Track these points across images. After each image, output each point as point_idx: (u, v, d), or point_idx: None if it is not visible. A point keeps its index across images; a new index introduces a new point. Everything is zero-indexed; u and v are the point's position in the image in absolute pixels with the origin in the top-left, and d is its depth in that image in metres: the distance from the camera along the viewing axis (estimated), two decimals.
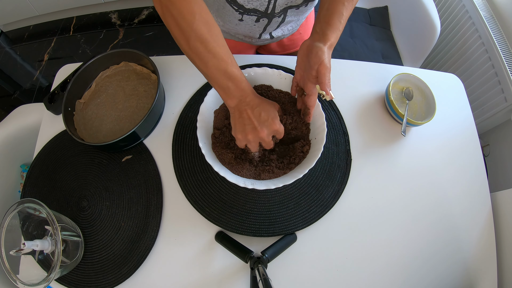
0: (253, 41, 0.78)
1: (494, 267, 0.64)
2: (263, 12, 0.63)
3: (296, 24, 0.77)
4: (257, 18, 0.65)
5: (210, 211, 0.63)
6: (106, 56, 0.72)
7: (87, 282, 0.59)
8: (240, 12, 0.63)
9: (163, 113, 0.72)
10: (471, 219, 0.67)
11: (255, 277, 0.52)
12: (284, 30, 0.76)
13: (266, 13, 0.63)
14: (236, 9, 0.62)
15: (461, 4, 1.22)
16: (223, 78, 0.51)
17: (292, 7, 0.64)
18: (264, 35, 0.74)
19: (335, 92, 0.76)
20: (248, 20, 0.66)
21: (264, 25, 0.68)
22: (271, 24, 0.68)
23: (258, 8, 0.62)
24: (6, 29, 1.96)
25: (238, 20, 0.66)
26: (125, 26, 1.95)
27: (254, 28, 0.70)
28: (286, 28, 0.76)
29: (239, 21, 0.67)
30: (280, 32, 0.76)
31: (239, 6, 0.61)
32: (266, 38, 0.76)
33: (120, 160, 0.68)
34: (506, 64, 1.06)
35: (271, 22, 0.67)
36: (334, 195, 0.66)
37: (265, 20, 0.66)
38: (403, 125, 0.70)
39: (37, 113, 0.86)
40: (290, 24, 0.75)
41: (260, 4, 0.61)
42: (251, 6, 0.61)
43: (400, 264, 0.63)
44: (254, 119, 0.52)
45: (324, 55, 0.52)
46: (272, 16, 0.65)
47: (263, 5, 0.61)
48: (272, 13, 0.63)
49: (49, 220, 0.51)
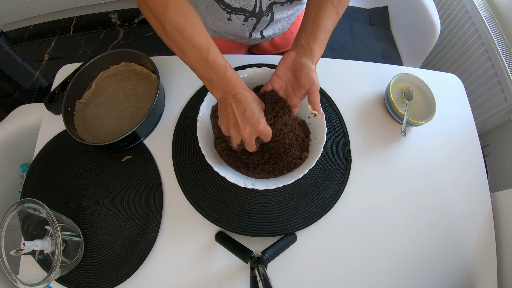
0: (243, 41, 0.77)
1: (494, 267, 0.64)
2: (250, 12, 0.63)
3: (286, 23, 0.77)
4: (245, 17, 0.64)
5: (210, 211, 0.63)
6: (106, 56, 0.72)
7: (87, 282, 0.59)
8: (228, 11, 0.63)
9: (163, 113, 0.72)
10: (471, 219, 0.67)
11: (255, 277, 0.52)
12: (275, 29, 0.75)
13: (254, 12, 0.63)
14: (224, 8, 0.62)
15: (461, 4, 1.22)
16: (204, 68, 0.49)
17: (276, 3, 0.63)
18: (255, 35, 0.74)
19: (336, 92, 0.76)
20: (237, 19, 0.66)
21: (253, 24, 0.67)
22: (260, 23, 0.68)
23: (246, 8, 0.61)
24: (6, 29, 1.96)
25: (227, 19, 0.66)
26: (125, 26, 1.95)
27: (243, 28, 0.69)
28: (276, 28, 0.75)
29: (227, 20, 0.66)
30: (271, 31, 0.75)
31: (226, 5, 0.61)
32: (256, 37, 0.75)
33: (120, 160, 0.68)
34: (506, 64, 1.06)
35: (260, 21, 0.67)
36: (334, 195, 0.66)
37: (254, 20, 0.66)
38: (403, 125, 0.70)
39: (37, 113, 0.86)
40: (280, 23, 0.75)
41: (247, 4, 0.60)
42: (238, 5, 0.61)
43: (400, 264, 0.63)
44: (237, 115, 0.49)
45: (314, 74, 0.51)
46: (260, 15, 0.64)
47: (250, 5, 0.60)
48: (260, 12, 0.63)
49: (49, 220, 0.51)
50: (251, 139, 0.51)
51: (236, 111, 0.49)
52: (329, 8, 0.53)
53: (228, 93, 0.49)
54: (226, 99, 0.50)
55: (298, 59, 0.52)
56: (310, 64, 0.51)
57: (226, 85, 0.49)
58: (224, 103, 0.50)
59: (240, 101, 0.49)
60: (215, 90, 0.51)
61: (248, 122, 0.49)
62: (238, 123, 0.49)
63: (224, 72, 0.49)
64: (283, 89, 0.56)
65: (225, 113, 0.50)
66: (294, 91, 0.54)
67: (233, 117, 0.49)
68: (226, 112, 0.50)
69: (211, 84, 0.50)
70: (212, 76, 0.49)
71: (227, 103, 0.50)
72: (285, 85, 0.55)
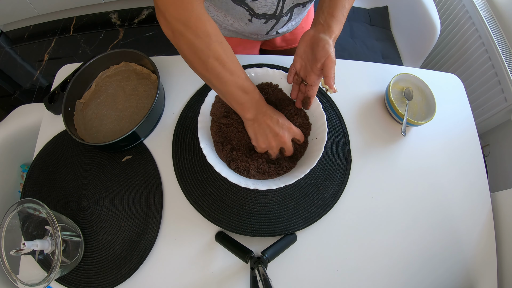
0: (259, 37, 0.78)
1: (494, 268, 0.64)
2: (271, 15, 0.64)
3: (299, 19, 0.78)
4: (266, 20, 0.66)
5: (210, 211, 0.63)
6: (106, 56, 0.72)
7: (87, 282, 0.59)
8: (251, 13, 0.64)
9: (163, 113, 0.72)
10: (471, 219, 0.67)
11: (255, 277, 0.52)
12: (288, 26, 0.76)
13: (274, 15, 0.64)
14: (247, 9, 0.63)
15: (461, 4, 1.22)
16: (240, 93, 0.53)
17: (299, 5, 0.64)
18: (271, 32, 0.75)
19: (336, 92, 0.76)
20: (257, 22, 0.67)
21: (272, 25, 0.69)
22: (279, 23, 0.69)
23: (268, 12, 0.62)
24: (6, 29, 1.96)
25: (248, 20, 0.67)
26: (125, 26, 1.95)
27: (262, 28, 0.70)
28: (290, 24, 0.76)
29: (248, 21, 0.67)
30: (285, 28, 0.76)
31: (249, 8, 0.62)
32: (272, 34, 0.77)
33: (120, 160, 0.68)
34: (506, 64, 1.06)
35: (279, 22, 0.68)
36: (334, 195, 0.66)
37: (273, 21, 0.67)
38: (403, 125, 0.70)
39: (37, 113, 0.86)
40: (294, 20, 0.76)
41: (269, 9, 0.61)
42: (261, 12, 0.62)
43: (400, 264, 0.63)
44: (274, 126, 0.56)
45: (330, 48, 0.52)
46: (280, 17, 0.65)
47: (272, 9, 0.62)
48: (280, 14, 0.64)
49: (49, 220, 0.51)
50: (290, 143, 0.58)
51: (271, 124, 0.56)
52: None
53: (259, 112, 0.56)
54: (259, 118, 0.56)
55: (316, 35, 0.54)
56: (328, 38, 0.53)
57: (257, 106, 0.55)
58: (258, 122, 0.56)
59: (271, 116, 0.56)
60: (247, 111, 0.55)
61: (284, 129, 0.57)
62: (278, 132, 0.56)
63: (254, 93, 0.55)
64: (303, 68, 0.58)
65: (260, 130, 0.57)
66: (312, 66, 0.56)
67: (270, 130, 0.56)
68: (262, 129, 0.56)
69: (244, 107, 0.55)
70: (246, 99, 0.54)
71: (261, 121, 0.56)
72: (304, 64, 0.58)
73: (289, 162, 0.60)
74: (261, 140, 0.57)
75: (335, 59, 0.53)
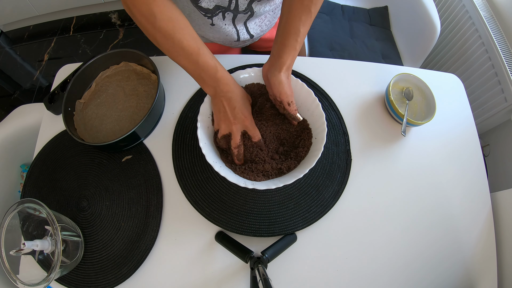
0: (233, 44, 0.77)
1: (494, 268, 0.64)
2: (226, 7, 0.62)
3: (272, 18, 0.76)
4: (222, 13, 0.64)
5: (210, 211, 0.63)
6: (106, 56, 0.72)
7: (87, 282, 0.59)
8: (208, 16, 0.64)
9: (163, 113, 0.72)
10: (471, 219, 0.67)
11: (255, 277, 0.52)
12: (262, 26, 0.74)
13: (229, 8, 0.62)
14: (204, 14, 0.63)
15: (461, 4, 1.22)
16: (196, 69, 0.54)
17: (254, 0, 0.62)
18: (242, 36, 0.73)
19: (335, 92, 0.76)
20: (218, 21, 0.66)
21: (231, 18, 0.67)
22: (238, 17, 0.67)
23: (221, 4, 0.61)
24: (6, 29, 1.96)
25: (210, 25, 0.67)
26: (125, 26, 1.95)
27: (229, 30, 0.69)
28: (263, 24, 0.74)
29: (211, 26, 0.67)
30: (258, 29, 0.74)
31: (205, 10, 0.62)
32: (245, 38, 0.74)
33: (120, 160, 0.68)
34: (506, 64, 1.06)
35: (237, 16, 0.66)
36: (334, 195, 0.66)
37: (231, 14, 0.65)
38: (403, 125, 0.70)
39: (37, 113, 0.86)
40: (266, 19, 0.74)
41: (221, 1, 0.60)
42: (212, 5, 0.61)
43: (400, 264, 0.63)
44: (229, 110, 0.55)
45: (281, 85, 0.55)
46: (236, 12, 0.64)
47: (225, 2, 0.60)
48: (236, 9, 0.63)
49: (49, 220, 0.51)
50: (238, 133, 0.57)
51: (227, 107, 0.55)
52: (298, 10, 0.54)
53: (219, 91, 0.55)
54: (217, 97, 0.56)
55: (269, 71, 0.57)
56: (277, 74, 0.55)
57: (216, 84, 0.54)
58: (216, 100, 0.56)
59: (231, 99, 0.55)
60: (207, 88, 0.56)
61: (236, 117, 0.56)
62: (229, 117, 0.56)
63: (214, 72, 0.54)
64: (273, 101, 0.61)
65: (217, 108, 0.57)
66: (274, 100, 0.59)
67: (224, 112, 0.56)
68: (218, 107, 0.56)
69: (203, 83, 0.56)
70: (203, 76, 0.54)
71: (219, 100, 0.56)
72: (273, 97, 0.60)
73: (293, 160, 0.59)
74: (216, 116, 0.58)
75: (290, 92, 0.56)
